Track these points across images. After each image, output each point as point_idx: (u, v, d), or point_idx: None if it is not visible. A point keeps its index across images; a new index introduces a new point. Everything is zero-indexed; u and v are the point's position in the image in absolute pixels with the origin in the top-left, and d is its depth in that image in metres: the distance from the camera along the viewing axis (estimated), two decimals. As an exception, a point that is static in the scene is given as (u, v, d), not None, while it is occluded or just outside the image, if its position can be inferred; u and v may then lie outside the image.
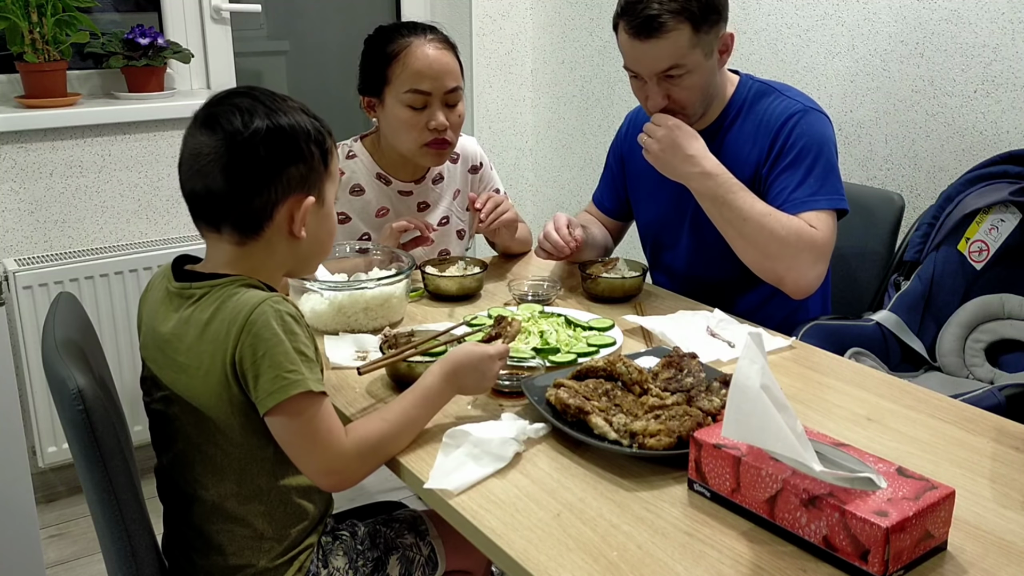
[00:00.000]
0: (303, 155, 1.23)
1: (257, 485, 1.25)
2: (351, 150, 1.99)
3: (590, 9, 3.05)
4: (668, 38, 1.69)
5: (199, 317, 1.20)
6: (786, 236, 1.69)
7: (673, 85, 1.76)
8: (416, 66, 1.83)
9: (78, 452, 1.18)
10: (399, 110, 1.86)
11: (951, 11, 2.10)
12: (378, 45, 1.88)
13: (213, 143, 1.19)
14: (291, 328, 1.17)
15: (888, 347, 1.89)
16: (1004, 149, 1.96)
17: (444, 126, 1.87)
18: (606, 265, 1.89)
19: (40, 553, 2.16)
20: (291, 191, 1.22)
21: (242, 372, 1.16)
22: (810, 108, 1.81)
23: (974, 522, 1.07)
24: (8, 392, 2.05)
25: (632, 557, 1.01)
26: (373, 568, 1.39)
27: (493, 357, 1.31)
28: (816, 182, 1.75)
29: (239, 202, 1.20)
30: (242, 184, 1.20)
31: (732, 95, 1.87)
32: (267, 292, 1.21)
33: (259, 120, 1.19)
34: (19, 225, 2.51)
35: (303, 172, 1.23)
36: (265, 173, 1.20)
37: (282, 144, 1.21)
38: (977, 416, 1.35)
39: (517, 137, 3.37)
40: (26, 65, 2.44)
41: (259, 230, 1.23)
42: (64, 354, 1.20)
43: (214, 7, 2.80)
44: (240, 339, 1.15)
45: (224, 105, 1.21)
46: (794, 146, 1.77)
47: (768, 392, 1.01)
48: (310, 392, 1.15)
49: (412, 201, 2.01)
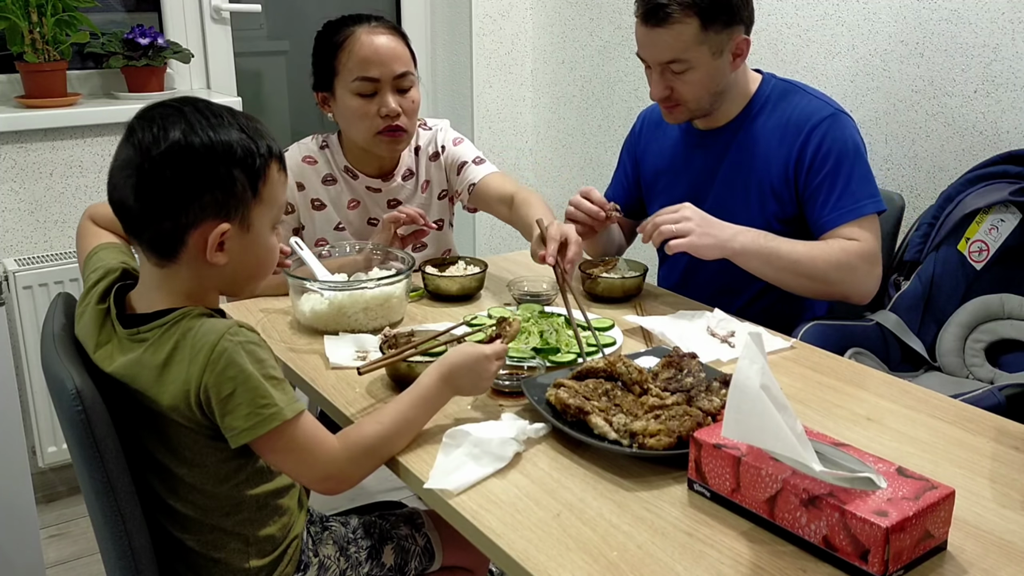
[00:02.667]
0: (220, 180, 1.13)
1: (234, 498, 1.24)
2: (325, 140, 2.00)
3: (590, 9, 3.05)
4: (673, 29, 1.72)
5: (152, 360, 1.15)
6: (838, 261, 1.74)
7: (676, 78, 1.78)
8: (362, 53, 1.83)
9: (77, 452, 1.18)
10: (349, 99, 1.85)
11: (951, 11, 2.10)
12: (325, 38, 1.89)
13: (127, 156, 1.13)
14: (257, 356, 1.14)
15: (888, 347, 1.89)
16: (1004, 149, 1.95)
17: (395, 112, 1.85)
18: (606, 265, 1.89)
19: (40, 553, 2.16)
20: (204, 216, 1.14)
21: (209, 409, 1.14)
22: (838, 111, 1.83)
23: (974, 522, 1.07)
24: (8, 392, 2.05)
25: (632, 557, 1.01)
26: (367, 556, 1.40)
27: (490, 357, 1.30)
28: (858, 188, 1.77)
29: (149, 223, 1.14)
30: (151, 205, 1.13)
31: (756, 91, 1.89)
32: (223, 321, 1.16)
33: (175, 137, 1.11)
34: (19, 225, 2.51)
35: (219, 198, 1.14)
36: (174, 196, 1.12)
37: (195, 168, 1.12)
38: (977, 416, 1.34)
39: (517, 137, 3.37)
40: (26, 65, 2.44)
41: (174, 254, 1.16)
42: (63, 354, 1.20)
43: (214, 7, 2.80)
44: (203, 378, 1.11)
45: (144, 118, 1.14)
46: (829, 153, 1.78)
47: (768, 392, 1.01)
48: (285, 421, 1.14)
49: (382, 198, 2.01)
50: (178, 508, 1.24)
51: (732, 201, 1.88)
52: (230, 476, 1.23)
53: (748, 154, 1.86)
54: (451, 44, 3.29)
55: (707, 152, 1.92)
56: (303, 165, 1.96)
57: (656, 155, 1.91)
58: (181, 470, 1.21)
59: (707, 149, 1.93)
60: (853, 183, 1.78)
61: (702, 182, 1.92)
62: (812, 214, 1.81)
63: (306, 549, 1.35)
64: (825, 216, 1.79)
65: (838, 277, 1.75)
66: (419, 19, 3.29)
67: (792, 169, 1.82)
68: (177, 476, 1.22)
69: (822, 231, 1.80)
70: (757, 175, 1.86)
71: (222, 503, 1.24)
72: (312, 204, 1.97)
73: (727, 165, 1.89)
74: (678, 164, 1.98)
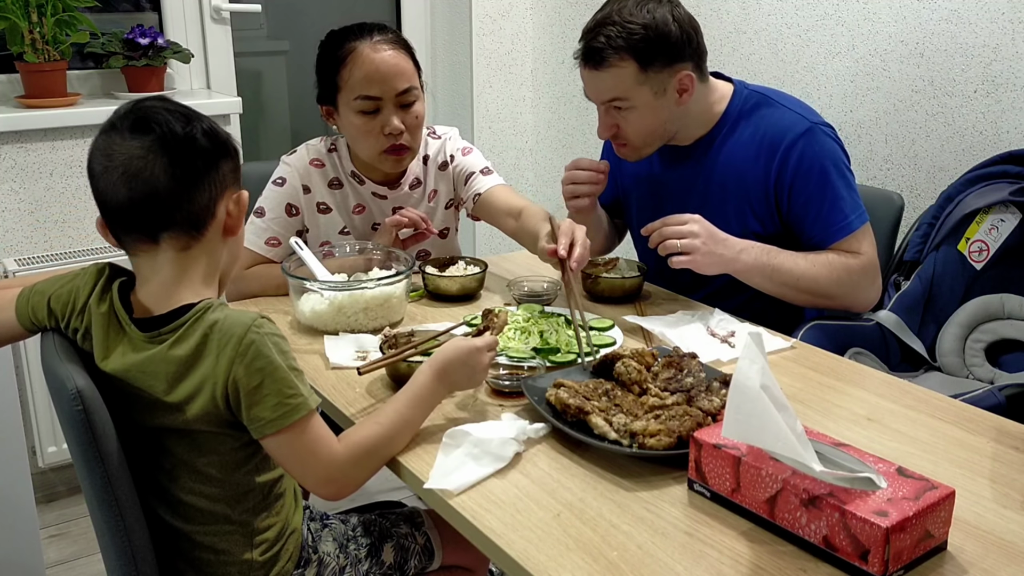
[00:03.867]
0: (230, 151, 1.24)
1: (245, 485, 1.25)
2: (334, 143, 1.97)
3: (590, 9, 3.02)
4: (610, 72, 1.72)
5: (176, 354, 1.16)
6: (839, 276, 1.75)
7: (620, 116, 1.78)
8: (363, 71, 1.79)
9: (77, 452, 1.18)
10: (352, 117, 1.83)
11: (951, 11, 2.10)
12: (327, 51, 1.86)
13: (148, 144, 1.16)
14: (282, 348, 1.17)
15: (888, 347, 1.89)
16: (1004, 149, 1.95)
17: (399, 130, 1.83)
18: (606, 265, 1.89)
19: (40, 553, 2.16)
20: (226, 186, 1.23)
21: (235, 401, 1.15)
22: (815, 124, 1.79)
23: (974, 522, 1.07)
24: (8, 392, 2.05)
25: (632, 557, 1.01)
26: (367, 553, 1.41)
27: (481, 349, 1.30)
28: (845, 203, 1.76)
29: (184, 201, 1.18)
30: (186, 182, 1.18)
31: (727, 107, 1.85)
32: (247, 313, 1.18)
33: (191, 118, 1.20)
34: (19, 225, 2.51)
35: (233, 167, 1.24)
36: (205, 169, 1.20)
37: (214, 140, 1.21)
38: (977, 416, 1.35)
39: (517, 137, 3.37)
40: (26, 65, 2.44)
41: (202, 229, 1.21)
42: (63, 354, 1.20)
43: (214, 7, 2.80)
44: (232, 371, 1.13)
45: (147, 110, 1.19)
46: (811, 172, 1.76)
47: (768, 392, 1.01)
48: (310, 411, 1.17)
49: (387, 205, 1.98)
50: (184, 499, 1.24)
51: (711, 218, 1.82)
52: (243, 463, 1.24)
53: (724, 171, 1.83)
54: (451, 44, 3.29)
55: (683, 168, 1.89)
56: (311, 168, 1.93)
57: (634, 167, 1.91)
58: (197, 460, 1.22)
59: (682, 165, 1.89)
60: (839, 199, 1.76)
61: (680, 199, 1.89)
62: (802, 234, 1.80)
63: (306, 545, 1.36)
64: (817, 235, 1.77)
65: (840, 292, 1.77)
66: (419, 19, 3.30)
67: (772, 189, 1.79)
68: (191, 466, 1.22)
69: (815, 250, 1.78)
70: (734, 192, 1.83)
71: (232, 490, 1.24)
72: (318, 208, 1.94)
73: (703, 182, 1.87)
74: (655, 180, 1.95)
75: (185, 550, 1.27)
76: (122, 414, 1.21)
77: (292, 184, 1.91)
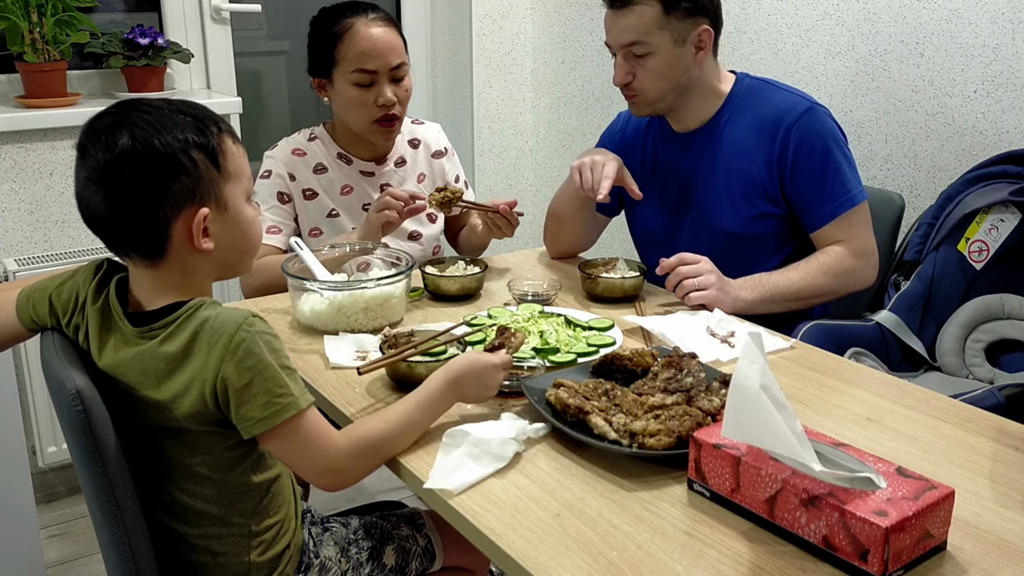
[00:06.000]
0: (182, 167, 1.14)
1: (242, 485, 1.25)
2: (313, 133, 2.07)
3: (590, 9, 3.05)
4: (634, 11, 1.76)
5: (166, 351, 1.15)
6: (835, 271, 1.80)
7: (638, 64, 1.81)
8: (361, 46, 1.91)
9: (77, 453, 1.18)
10: (347, 89, 1.94)
11: (951, 11, 2.10)
12: (322, 26, 1.96)
13: (87, 172, 1.15)
14: (273, 346, 1.15)
15: (888, 347, 1.89)
16: (1004, 149, 1.95)
17: (392, 102, 1.94)
18: (606, 265, 1.89)
19: (40, 553, 2.16)
20: (181, 206, 1.15)
21: (224, 400, 1.14)
22: (813, 104, 1.84)
23: (974, 522, 1.07)
24: (8, 392, 2.05)
25: (632, 557, 1.01)
26: (368, 556, 1.40)
27: (497, 367, 1.31)
28: (847, 177, 1.81)
29: (130, 228, 1.15)
30: (125, 210, 1.14)
31: (729, 93, 1.89)
32: (238, 311, 1.17)
33: (123, 141, 1.13)
34: (19, 225, 2.51)
35: (188, 185, 1.15)
36: (144, 195, 1.13)
37: (154, 162, 1.13)
38: (977, 416, 1.34)
39: (517, 137, 3.37)
40: (26, 65, 2.44)
41: (162, 251, 1.17)
42: (63, 354, 1.20)
43: (214, 7, 2.80)
44: (221, 369, 1.12)
45: (90, 132, 1.16)
46: (813, 149, 1.80)
47: (768, 392, 1.01)
48: (301, 410, 1.16)
49: (375, 182, 2.08)
50: (183, 501, 1.24)
51: (717, 204, 1.88)
52: (236, 463, 1.23)
53: (727, 155, 1.86)
54: (451, 44, 3.29)
55: (686, 155, 1.92)
56: (293, 157, 2.03)
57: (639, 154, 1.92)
58: (190, 460, 1.22)
59: (685, 152, 1.92)
60: (841, 173, 1.81)
61: (684, 187, 1.92)
62: (805, 210, 1.83)
63: (307, 550, 1.35)
64: (819, 210, 1.81)
65: (840, 283, 1.81)
66: (419, 19, 3.30)
67: (776, 167, 1.83)
68: (186, 467, 1.22)
69: (817, 226, 1.82)
70: (739, 176, 1.86)
71: (230, 491, 1.24)
72: (304, 194, 2.02)
73: (707, 167, 1.89)
74: (659, 168, 1.98)
75: (183, 552, 1.27)
76: (120, 413, 1.21)
77: (278, 173, 2.01)
